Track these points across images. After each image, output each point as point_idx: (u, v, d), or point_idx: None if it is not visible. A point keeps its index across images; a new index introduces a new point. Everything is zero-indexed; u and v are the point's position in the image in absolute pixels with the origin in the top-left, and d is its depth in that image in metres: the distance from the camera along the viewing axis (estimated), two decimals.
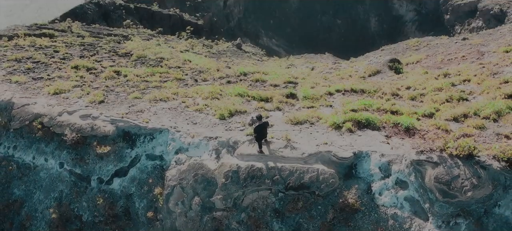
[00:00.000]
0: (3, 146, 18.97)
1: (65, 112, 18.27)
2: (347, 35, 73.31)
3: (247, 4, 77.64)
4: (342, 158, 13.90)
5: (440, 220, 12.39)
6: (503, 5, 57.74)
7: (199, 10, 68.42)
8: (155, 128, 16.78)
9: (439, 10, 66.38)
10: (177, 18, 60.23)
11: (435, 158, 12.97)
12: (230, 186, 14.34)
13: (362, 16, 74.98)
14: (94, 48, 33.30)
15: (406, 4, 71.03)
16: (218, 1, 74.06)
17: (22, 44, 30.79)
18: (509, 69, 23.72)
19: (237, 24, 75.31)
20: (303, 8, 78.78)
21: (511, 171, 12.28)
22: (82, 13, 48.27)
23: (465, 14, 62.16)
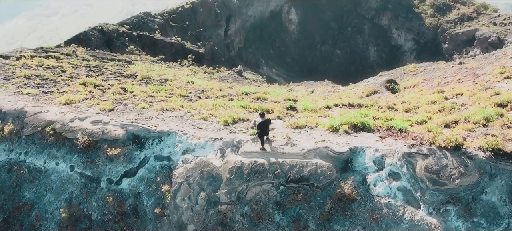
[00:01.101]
0: (14, 151, 20.30)
1: (77, 119, 19.75)
2: (346, 65, 75.79)
3: (248, 34, 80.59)
4: (339, 153, 15.29)
5: (431, 207, 13.65)
6: (501, 33, 60.43)
7: (201, 39, 71.17)
8: (163, 131, 18.23)
9: (437, 39, 69.08)
10: (179, 46, 62.70)
11: (425, 150, 14.38)
12: (234, 181, 15.63)
13: (361, 46, 77.73)
14: (99, 70, 35.13)
15: (404, 34, 73.90)
16: (219, 30, 77.06)
17: (30, 64, 32.61)
18: (500, 84, 25.43)
19: (237, 54, 77.98)
20: (303, 39, 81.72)
21: (496, 160, 13.66)
22: (86, 39, 50.55)
23: (463, 42, 64.78)
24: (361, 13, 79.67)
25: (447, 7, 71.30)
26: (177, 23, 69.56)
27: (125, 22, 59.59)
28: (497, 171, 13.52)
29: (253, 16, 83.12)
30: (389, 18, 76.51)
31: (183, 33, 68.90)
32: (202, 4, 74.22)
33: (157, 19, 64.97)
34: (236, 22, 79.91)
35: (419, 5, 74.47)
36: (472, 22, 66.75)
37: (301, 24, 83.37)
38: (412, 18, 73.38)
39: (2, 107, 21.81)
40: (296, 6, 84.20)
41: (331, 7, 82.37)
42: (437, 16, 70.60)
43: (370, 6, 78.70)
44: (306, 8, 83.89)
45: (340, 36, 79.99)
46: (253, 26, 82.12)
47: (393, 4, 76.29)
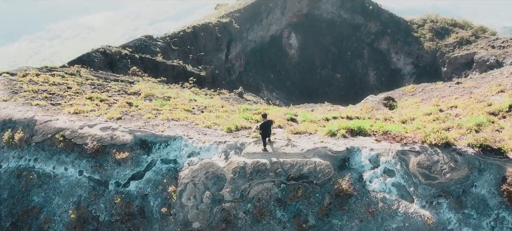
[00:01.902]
0: (24, 158, 21.46)
1: (86, 126, 21.00)
2: (346, 88, 77.53)
3: (248, 58, 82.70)
4: (337, 152, 16.49)
5: (424, 201, 14.74)
6: (499, 56, 62.36)
7: (202, 63, 73.06)
8: (170, 135, 19.46)
9: (437, 63, 71.01)
10: (180, 69, 64.49)
11: (417, 148, 15.60)
12: (238, 180, 16.75)
13: (360, 70, 79.69)
14: (104, 88, 36.61)
15: (404, 58, 75.94)
16: (220, 54, 79.16)
17: (36, 80, 34.08)
18: (494, 97, 26.79)
19: (238, 77, 79.83)
20: (303, 63, 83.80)
21: (484, 155, 14.85)
22: (89, 61, 52.27)
23: (462, 66, 66.64)
24: (361, 38, 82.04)
25: (445, 31, 73.60)
26: (178, 46, 71.57)
27: (128, 45, 61.52)
28: (486, 166, 14.67)
29: (253, 40, 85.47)
30: (388, 42, 78.76)
31: (184, 56, 70.85)
32: (203, 28, 76.53)
33: (159, 43, 67.05)
34: (236, 46, 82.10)
35: (418, 29, 76.85)
36: (471, 45, 68.83)
37: (301, 49, 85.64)
38: (411, 42, 75.60)
39: (12, 117, 23.11)
40: (296, 31, 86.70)
41: (331, 31, 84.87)
42: (436, 40, 72.79)
43: (369, 30, 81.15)
44: (306, 33, 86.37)
45: (340, 60, 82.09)
46: (253, 50, 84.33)
47: (392, 29, 78.70)
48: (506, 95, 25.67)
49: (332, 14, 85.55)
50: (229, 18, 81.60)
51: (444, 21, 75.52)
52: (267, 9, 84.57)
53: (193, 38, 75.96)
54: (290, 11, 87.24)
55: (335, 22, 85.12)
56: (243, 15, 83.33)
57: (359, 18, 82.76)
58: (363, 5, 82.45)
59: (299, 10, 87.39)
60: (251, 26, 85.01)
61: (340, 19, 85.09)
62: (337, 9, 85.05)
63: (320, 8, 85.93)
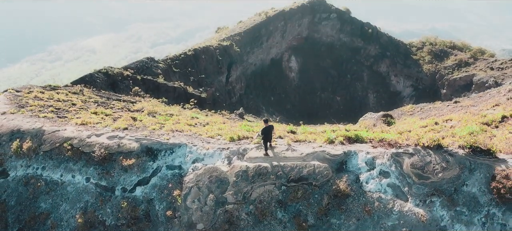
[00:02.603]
0: (32, 167, 22.48)
1: (94, 135, 22.13)
2: (346, 111, 78.87)
3: (249, 81, 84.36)
4: (334, 155, 17.59)
5: (417, 199, 15.74)
6: (498, 77, 63.92)
7: (202, 85, 74.67)
8: (175, 143, 20.57)
9: (436, 85, 72.58)
10: (181, 90, 65.97)
11: (410, 150, 16.71)
12: (240, 183, 17.78)
13: (360, 92, 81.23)
14: (107, 105, 37.87)
15: (403, 80, 77.59)
16: (221, 77, 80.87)
17: (41, 96, 35.35)
18: (489, 111, 28.02)
19: (238, 100, 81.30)
20: (303, 85, 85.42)
21: (474, 156, 15.94)
22: (92, 81, 53.71)
23: (461, 87, 68.17)
24: (360, 61, 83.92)
25: (444, 53, 75.50)
26: (179, 69, 73.29)
27: (129, 66, 63.15)
28: (476, 166, 15.74)
29: (254, 63, 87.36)
30: (388, 65, 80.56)
31: (185, 78, 72.48)
32: (204, 51, 78.44)
33: (160, 64, 68.72)
34: (237, 69, 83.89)
35: (417, 52, 78.77)
36: (470, 67, 70.54)
37: (301, 72, 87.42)
38: (410, 65, 77.36)
39: (21, 127, 24.26)
40: (296, 54, 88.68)
41: (331, 55, 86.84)
42: (435, 63, 74.56)
43: (368, 53, 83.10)
44: (306, 56, 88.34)
45: (340, 83, 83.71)
46: (254, 73, 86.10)
47: (391, 52, 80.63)
48: (500, 108, 26.89)
49: (332, 37, 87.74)
50: (230, 41, 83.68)
51: (443, 44, 77.56)
52: (268, 33, 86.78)
53: (194, 61, 77.80)
54: (290, 35, 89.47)
55: (334, 45, 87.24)
56: (244, 39, 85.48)
57: (359, 42, 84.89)
58: (362, 29, 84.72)
59: (299, 33, 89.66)
60: (251, 49, 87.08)
61: (340, 42, 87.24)
62: (337, 33, 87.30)
63: (319, 31, 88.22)
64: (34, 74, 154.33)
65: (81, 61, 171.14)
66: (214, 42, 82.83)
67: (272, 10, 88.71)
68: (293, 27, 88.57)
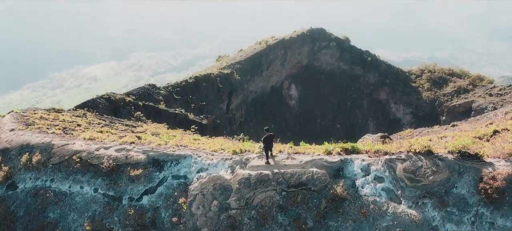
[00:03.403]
0: (41, 179, 23.74)
1: (102, 148, 23.52)
2: (346, 138, 79.89)
3: (249, 109, 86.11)
4: (332, 162, 18.95)
5: (410, 202, 17.01)
6: (497, 103, 65.63)
7: (203, 112, 76.34)
8: (180, 154, 21.95)
9: (435, 112, 74.25)
10: (182, 117, 67.57)
11: (403, 156, 18.10)
12: (243, 190, 19.06)
13: (360, 120, 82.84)
14: (111, 127, 39.34)
15: (403, 108, 79.34)
16: (221, 104, 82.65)
17: (47, 117, 36.84)
18: (483, 128, 29.43)
19: (239, 127, 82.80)
20: (303, 113, 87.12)
21: (463, 160, 17.32)
22: (94, 106, 55.35)
23: (460, 114, 69.75)
24: (360, 88, 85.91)
25: (443, 80, 77.52)
26: (180, 96, 75.09)
27: (131, 92, 64.96)
28: (465, 169, 17.09)
29: (254, 91, 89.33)
30: (387, 92, 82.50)
31: (186, 105, 74.17)
32: (205, 78, 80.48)
33: (161, 91, 70.54)
34: (237, 97, 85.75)
35: (416, 79, 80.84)
36: (469, 94, 72.36)
37: (301, 99, 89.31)
38: (410, 92, 79.26)
39: (30, 142, 25.67)
40: (296, 82, 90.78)
41: (330, 82, 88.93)
42: (434, 90, 76.45)
43: (368, 81, 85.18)
44: (306, 84, 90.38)
45: (340, 111, 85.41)
46: (254, 101, 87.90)
47: (391, 79, 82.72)
48: (493, 125, 28.33)
49: (332, 65, 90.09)
50: (231, 69, 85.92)
51: (441, 71, 79.71)
52: (268, 61, 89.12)
53: (195, 88, 79.75)
54: (290, 63, 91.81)
55: (334, 73, 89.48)
56: (244, 67, 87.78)
57: (358, 69, 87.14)
58: (361, 57, 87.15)
59: (299, 61, 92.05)
60: (251, 77, 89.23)
61: (339, 70, 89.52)
62: (336, 61, 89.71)
63: (319, 59, 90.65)
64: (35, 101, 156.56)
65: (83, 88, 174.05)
66: (215, 70, 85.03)
67: (272, 38, 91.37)
68: (293, 56, 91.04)
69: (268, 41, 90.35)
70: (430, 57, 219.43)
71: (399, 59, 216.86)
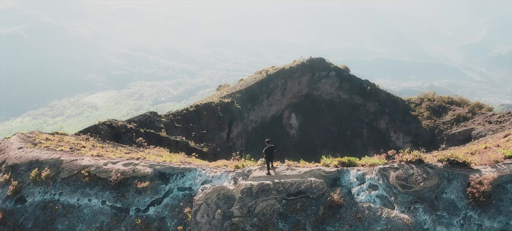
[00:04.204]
0: (49, 193, 25.08)
1: (110, 163, 24.99)
2: None
3: (249, 138, 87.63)
4: (329, 172, 20.44)
5: (403, 207, 18.40)
6: (496, 130, 67.18)
7: (204, 141, 77.83)
8: (186, 168, 23.43)
9: (435, 140, 75.75)
10: (183, 144, 69.01)
11: (395, 165, 19.59)
12: (245, 199, 20.45)
13: (360, 149, 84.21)
14: (116, 148, 40.78)
15: (402, 136, 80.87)
16: (222, 133, 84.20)
17: (51, 139, 38.36)
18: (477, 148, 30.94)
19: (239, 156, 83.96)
20: (303, 142, 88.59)
21: (451, 168, 18.80)
22: (96, 132, 56.91)
23: (460, 142, 71.21)
24: (360, 118, 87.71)
25: (443, 109, 79.35)
26: (181, 124, 76.74)
27: (133, 119, 66.58)
28: (453, 176, 18.57)
29: (254, 120, 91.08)
30: (387, 121, 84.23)
31: (187, 133, 75.72)
32: (206, 107, 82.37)
33: (162, 119, 72.19)
34: (238, 126, 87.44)
35: (415, 108, 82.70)
36: (468, 122, 74.04)
37: (301, 129, 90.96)
38: (409, 121, 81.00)
39: (40, 158, 27.15)
40: (296, 111, 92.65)
41: (330, 112, 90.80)
42: (434, 118, 78.18)
43: (368, 110, 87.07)
44: (306, 113, 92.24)
45: (340, 140, 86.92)
46: (254, 130, 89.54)
47: (390, 108, 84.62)
48: (486, 143, 29.85)
49: (331, 95, 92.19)
50: (231, 98, 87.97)
51: (441, 100, 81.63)
52: (268, 90, 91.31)
53: (195, 117, 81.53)
54: (290, 92, 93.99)
55: (334, 102, 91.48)
56: (245, 96, 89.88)
57: (358, 99, 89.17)
58: (361, 86, 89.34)
59: (299, 91, 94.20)
60: (252, 107, 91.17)
61: (339, 99, 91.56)
62: (336, 90, 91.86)
63: (319, 89, 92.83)
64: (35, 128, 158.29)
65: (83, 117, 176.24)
66: (215, 99, 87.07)
67: (273, 68, 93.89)
68: (293, 85, 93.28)
69: (268, 71, 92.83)
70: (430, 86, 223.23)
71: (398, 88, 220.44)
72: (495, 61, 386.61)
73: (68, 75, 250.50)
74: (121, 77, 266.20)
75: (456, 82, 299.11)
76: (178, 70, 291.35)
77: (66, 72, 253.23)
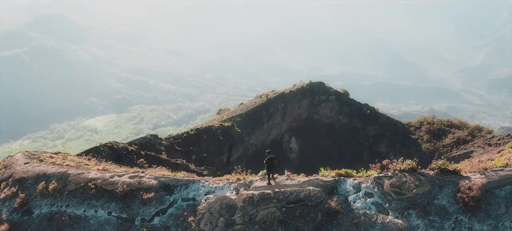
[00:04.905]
0: (56, 205, 26.25)
1: (116, 176, 26.30)
2: None
3: (249, 161, 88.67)
4: (326, 182, 21.78)
5: (397, 213, 19.66)
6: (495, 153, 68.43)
7: (204, 164, 78.91)
8: (190, 179, 24.76)
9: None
10: (183, 167, 70.00)
11: (390, 173, 20.93)
12: (247, 207, 21.69)
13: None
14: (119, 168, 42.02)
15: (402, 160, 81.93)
16: (222, 157, 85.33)
17: (55, 157, 39.62)
18: None
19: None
20: (303, 166, 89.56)
21: (442, 175, 20.15)
22: (97, 153, 58.16)
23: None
24: (359, 141, 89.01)
25: (442, 132, 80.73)
26: (182, 147, 77.95)
27: (134, 142, 67.87)
28: (444, 183, 19.91)
29: (255, 144, 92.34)
30: (387, 145, 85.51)
31: (187, 156, 76.80)
32: (206, 131, 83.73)
33: (163, 142, 73.47)
34: (238, 149, 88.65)
35: (415, 131, 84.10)
36: (468, 145, 75.30)
37: (301, 152, 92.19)
38: (409, 144, 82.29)
39: (47, 171, 28.46)
40: (296, 135, 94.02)
41: (330, 135, 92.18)
42: (433, 141, 79.51)
43: (367, 134, 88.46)
44: (306, 137, 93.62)
45: (340, 163, 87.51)
46: (254, 153, 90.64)
47: (390, 132, 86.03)
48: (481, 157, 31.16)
49: (331, 118, 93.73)
50: (231, 122, 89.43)
51: (440, 123, 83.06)
52: (268, 114, 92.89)
53: (196, 140, 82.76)
54: (290, 116, 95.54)
55: (334, 126, 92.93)
56: (245, 120, 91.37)
57: (358, 122, 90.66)
58: (361, 110, 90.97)
59: (298, 115, 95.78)
60: (252, 130, 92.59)
61: (339, 123, 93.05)
62: (336, 114, 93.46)
63: (319, 113, 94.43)
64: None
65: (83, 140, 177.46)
66: (215, 122, 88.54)
67: (273, 92, 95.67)
68: (293, 109, 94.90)
69: (269, 95, 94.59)
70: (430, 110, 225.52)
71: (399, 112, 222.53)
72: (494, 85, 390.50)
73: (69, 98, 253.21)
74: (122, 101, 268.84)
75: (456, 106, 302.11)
76: (179, 94, 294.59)
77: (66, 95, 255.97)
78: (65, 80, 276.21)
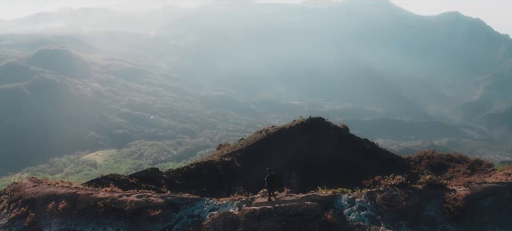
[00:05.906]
0: (66, 223, 28.08)
1: (124, 195, 28.26)
2: None
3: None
4: (323, 197, 23.88)
5: (388, 223, 21.66)
6: None
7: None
8: (195, 197, 26.76)
9: None
10: None
11: (381, 188, 23.07)
12: (249, 222, 23.66)
13: None
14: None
15: None
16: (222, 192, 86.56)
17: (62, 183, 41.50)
18: None
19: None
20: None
21: (430, 189, 22.28)
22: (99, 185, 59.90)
23: None
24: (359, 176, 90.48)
25: (442, 166, 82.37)
26: (182, 181, 79.50)
27: (134, 175, 69.57)
28: (432, 196, 22.02)
29: (255, 178, 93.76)
30: None
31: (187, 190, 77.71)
32: (206, 165, 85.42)
33: (164, 175, 75.10)
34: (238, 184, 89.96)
35: (415, 166, 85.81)
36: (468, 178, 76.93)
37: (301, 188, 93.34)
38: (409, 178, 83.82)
39: (56, 192, 30.43)
40: (296, 170, 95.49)
41: (330, 171, 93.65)
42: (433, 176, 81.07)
43: (368, 169, 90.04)
44: (306, 172, 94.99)
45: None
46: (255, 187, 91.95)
47: (390, 166, 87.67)
48: None
49: (331, 153, 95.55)
50: (231, 157, 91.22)
51: (440, 157, 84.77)
52: (268, 149, 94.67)
53: (196, 174, 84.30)
54: (290, 152, 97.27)
55: (334, 161, 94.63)
56: (245, 155, 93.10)
57: (357, 157, 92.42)
58: (360, 145, 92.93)
59: (298, 150, 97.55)
60: (252, 165, 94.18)
61: (339, 158, 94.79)
62: (336, 149, 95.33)
63: (319, 148, 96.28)
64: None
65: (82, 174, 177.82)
66: (216, 157, 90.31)
67: (273, 128, 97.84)
68: (293, 144, 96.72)
69: (269, 130, 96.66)
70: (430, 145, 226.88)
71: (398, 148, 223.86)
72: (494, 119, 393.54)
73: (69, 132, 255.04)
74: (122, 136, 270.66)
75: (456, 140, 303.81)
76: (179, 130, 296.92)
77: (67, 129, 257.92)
78: (66, 114, 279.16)
